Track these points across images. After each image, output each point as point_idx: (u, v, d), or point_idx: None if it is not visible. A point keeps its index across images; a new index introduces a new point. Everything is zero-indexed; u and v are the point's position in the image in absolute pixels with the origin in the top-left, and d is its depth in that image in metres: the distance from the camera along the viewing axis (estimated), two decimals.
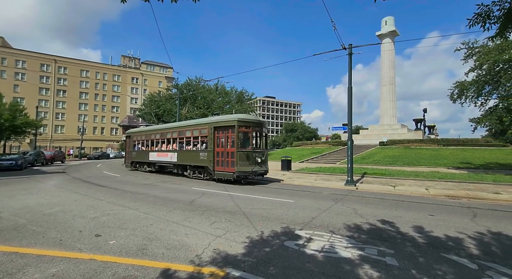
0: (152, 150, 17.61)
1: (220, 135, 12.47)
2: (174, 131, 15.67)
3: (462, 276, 3.26)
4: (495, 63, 15.51)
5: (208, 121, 13.59)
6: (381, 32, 35.39)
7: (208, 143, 12.99)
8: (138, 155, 19.38)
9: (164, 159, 16.18)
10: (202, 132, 13.52)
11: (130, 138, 21.08)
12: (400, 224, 5.61)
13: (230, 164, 11.81)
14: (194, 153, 13.84)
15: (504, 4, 2.54)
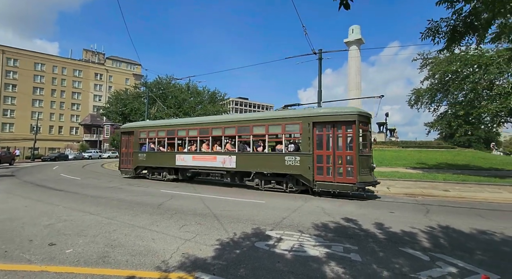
0: (182, 152, 12.80)
1: (324, 133, 9.33)
2: (228, 126, 11.39)
3: (416, 268, 3.55)
4: (445, 73, 17.23)
5: (302, 114, 9.88)
6: (349, 39, 37.40)
7: (302, 144, 9.68)
8: (152, 158, 13.87)
9: (208, 164, 11.73)
10: (288, 129, 10.08)
11: (134, 135, 14.73)
12: (363, 222, 5.95)
13: (346, 173, 8.88)
14: (274, 157, 10.19)
15: (450, 21, 2.87)
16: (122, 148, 15.68)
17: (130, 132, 15.17)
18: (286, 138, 10.31)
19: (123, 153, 15.56)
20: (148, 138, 14.22)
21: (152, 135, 14.10)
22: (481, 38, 2.94)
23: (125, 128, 16.33)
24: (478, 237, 4.98)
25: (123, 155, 15.55)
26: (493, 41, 3.09)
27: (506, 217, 6.85)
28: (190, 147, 12.72)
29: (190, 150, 12.59)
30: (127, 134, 15.50)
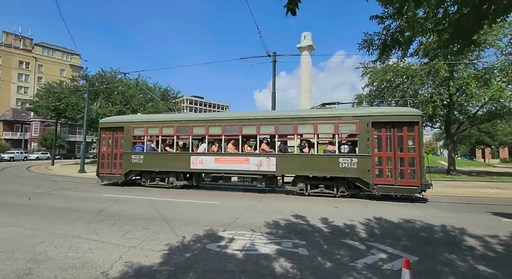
0: (200, 153, 10.81)
1: (383, 134, 8.97)
2: (265, 124, 10.06)
3: (354, 257, 3.91)
4: (381, 81, 19.48)
5: (359, 113, 9.37)
6: (301, 45, 39.53)
7: (360, 145, 9.07)
8: (154, 161, 11.36)
9: (237, 167, 10.17)
10: (342, 129, 9.37)
11: (125, 131, 11.78)
12: (311, 217, 6.32)
13: (408, 175, 8.59)
14: (326, 159, 9.35)
15: (381, 35, 3.28)
16: (102, 147, 12.36)
17: (117, 128, 11.98)
18: (341, 139, 9.61)
19: (104, 154, 12.22)
20: (148, 135, 11.57)
21: (153, 132, 11.54)
22: (405, 52, 3.43)
23: (108, 122, 12.58)
24: (403, 225, 5.74)
25: (104, 157, 12.17)
26: (413, 55, 3.64)
27: (426, 207, 8.04)
28: (213, 147, 10.75)
29: (211, 151, 10.64)
30: (110, 130, 12.16)
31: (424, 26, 3.06)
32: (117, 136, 12.09)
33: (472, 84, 15.85)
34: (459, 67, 16.78)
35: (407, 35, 3.38)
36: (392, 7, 2.75)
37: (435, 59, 3.40)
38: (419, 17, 3.02)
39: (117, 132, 12.07)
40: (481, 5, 2.39)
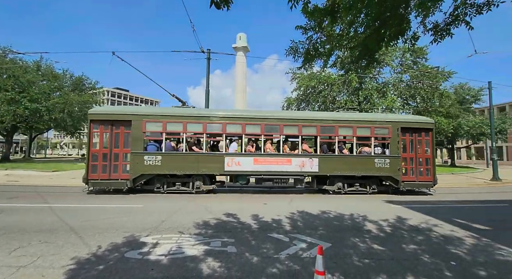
0: (237, 153, 9.98)
1: (407, 138, 10.42)
2: (307, 125, 10.05)
3: (279, 249, 4.18)
4: (307, 87, 21.51)
5: (391, 118, 10.65)
6: (236, 45, 40.05)
7: (391, 147, 10.18)
8: (176, 162, 9.61)
9: (278, 168, 9.75)
10: (377, 132, 10.26)
11: (133, 127, 9.51)
12: (241, 215, 6.45)
13: (425, 173, 10.35)
14: (364, 160, 10.08)
15: (304, 45, 3.63)
16: (94, 146, 9.64)
17: (120, 122, 9.55)
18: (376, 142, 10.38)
19: (96, 154, 9.50)
20: (166, 132, 9.66)
21: (174, 129, 9.72)
22: (325, 63, 3.87)
23: (105, 113, 9.86)
24: (320, 216, 6.47)
25: (97, 158, 9.45)
26: (332, 66, 4.17)
27: (338, 198, 9.28)
28: (248, 147, 10.07)
29: (249, 151, 9.95)
30: (108, 124, 9.50)
31: (340, 42, 3.51)
32: (118, 132, 9.51)
33: (374, 95, 19.18)
34: (366, 80, 20.04)
35: (328, 47, 3.81)
36: (313, 20, 3.05)
37: (348, 72, 4.03)
38: (335, 33, 3.44)
39: (118, 126, 9.50)
40: (380, 29, 2.91)
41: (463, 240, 4.81)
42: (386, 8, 2.61)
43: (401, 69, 20.20)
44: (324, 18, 2.94)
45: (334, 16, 2.76)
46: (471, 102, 34.30)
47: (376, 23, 2.81)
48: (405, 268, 3.56)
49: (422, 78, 19.72)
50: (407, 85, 20.40)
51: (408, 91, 20.21)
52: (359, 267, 3.57)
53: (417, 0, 2.82)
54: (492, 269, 3.62)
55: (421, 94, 20.01)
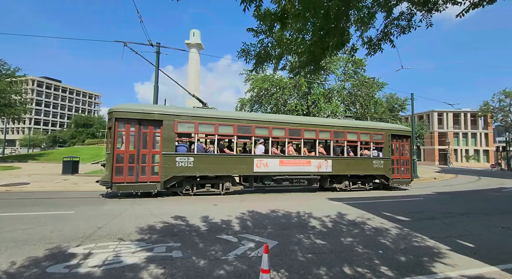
0: (264, 155, 10.24)
1: (394, 143, 12.65)
2: (324, 130, 11.16)
3: (227, 250, 4.14)
4: (260, 89, 21.97)
5: (384, 127, 12.78)
6: (189, 41, 38.62)
7: (384, 151, 12.27)
8: (207, 164, 9.48)
9: (299, 169, 10.62)
10: (374, 138, 12.13)
11: (164, 127, 8.86)
12: (191, 217, 6.22)
13: (406, 172, 12.82)
14: (365, 161, 11.82)
15: (256, 48, 3.68)
16: (119, 146, 8.75)
17: (150, 121, 8.92)
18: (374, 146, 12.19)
19: (121, 155, 8.62)
20: (199, 133, 9.53)
21: (205, 130, 9.61)
22: (276, 66, 3.99)
23: (132, 111, 8.77)
24: (270, 215, 6.66)
25: (123, 160, 8.60)
26: (282, 70, 4.33)
27: (288, 197, 9.69)
28: (272, 150, 10.56)
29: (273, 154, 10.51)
30: (135, 123, 8.78)
31: (289, 47, 3.65)
32: (146, 132, 8.87)
33: (321, 100, 20.66)
34: (314, 85, 21.45)
35: (278, 51, 3.93)
36: (265, 24, 3.12)
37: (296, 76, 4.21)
38: (285, 38, 3.57)
39: (147, 126, 8.88)
40: (325, 38, 3.13)
41: (389, 231, 5.50)
42: (330, 20, 2.83)
43: (344, 77, 22.24)
44: (275, 23, 3.03)
45: (284, 22, 2.86)
46: (398, 110, 39.72)
47: (321, 33, 3.03)
48: (342, 260, 3.89)
49: (361, 87, 22.05)
50: (349, 92, 22.54)
51: (349, 97, 22.35)
52: (302, 262, 3.77)
53: (356, 16, 3.14)
54: (410, 254, 4.21)
55: (360, 101, 22.36)
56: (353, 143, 11.84)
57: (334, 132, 11.34)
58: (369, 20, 3.16)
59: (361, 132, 11.90)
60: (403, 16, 3.20)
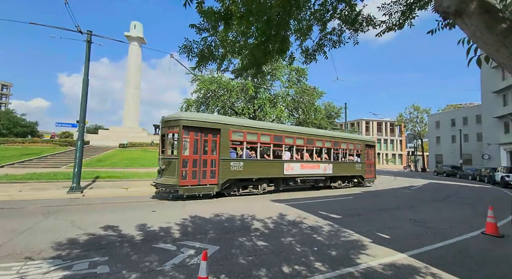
0: (291, 160, 12.17)
1: (367, 151, 16.53)
2: (327, 140, 14.08)
3: (164, 260, 3.85)
4: (207, 90, 21.54)
5: (361, 138, 16.84)
6: (130, 34, 35.44)
7: (361, 157, 15.92)
8: (253, 168, 10.71)
9: (312, 171, 13.01)
10: (357, 147, 15.69)
11: (221, 135, 9.76)
12: (124, 226, 5.61)
13: (372, 172, 16.89)
14: (351, 165, 15.27)
15: (199, 45, 3.58)
16: (185, 152, 9.19)
17: (209, 129, 9.67)
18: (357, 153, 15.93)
19: (186, 160, 9.12)
20: (246, 141, 10.70)
21: (251, 138, 10.92)
22: (219, 66, 3.93)
23: (198, 120, 9.48)
24: (213, 219, 6.50)
25: (188, 164, 9.14)
26: (225, 70, 4.31)
27: (233, 200, 9.65)
28: (297, 156, 12.72)
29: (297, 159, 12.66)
30: (198, 131, 9.43)
31: (233, 48, 3.64)
32: (206, 139, 9.79)
33: (267, 104, 21.41)
34: (260, 90, 22.10)
35: (222, 52, 3.87)
36: (208, 22, 3.04)
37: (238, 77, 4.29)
38: (229, 39, 3.55)
39: (207, 133, 9.79)
40: (266, 43, 3.23)
41: (323, 228, 5.96)
42: (272, 26, 2.93)
43: (289, 84, 23.54)
44: (219, 22, 2.98)
45: (228, 22, 2.84)
46: (334, 118, 44.00)
47: (263, 38, 3.11)
48: (282, 260, 4.03)
49: (303, 94, 23.67)
50: (292, 98, 23.92)
51: (293, 104, 23.72)
52: (243, 265, 3.76)
53: (296, 26, 3.33)
54: (340, 248, 4.63)
55: (302, 107, 23.96)
56: (344, 150, 15.10)
57: (334, 142, 14.39)
58: (307, 31, 3.40)
59: (350, 142, 15.37)
60: (335, 32, 3.55)
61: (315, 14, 3.28)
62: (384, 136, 65.79)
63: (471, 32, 1.43)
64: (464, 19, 1.41)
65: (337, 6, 3.18)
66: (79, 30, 9.36)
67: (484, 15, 1.34)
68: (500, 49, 1.32)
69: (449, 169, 33.73)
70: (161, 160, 9.57)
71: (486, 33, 1.35)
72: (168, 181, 9.11)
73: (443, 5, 1.48)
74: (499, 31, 1.30)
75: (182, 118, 9.41)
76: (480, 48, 1.48)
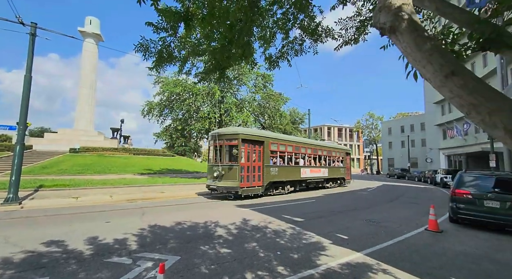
0: (305, 166, 15.65)
1: (345, 157, 20.90)
2: (325, 149, 17.94)
3: (117, 275, 3.54)
4: (171, 93, 20.78)
5: (342, 148, 21.19)
6: (84, 29, 32.71)
7: (343, 163, 20.28)
8: (284, 172, 13.67)
9: (316, 174, 16.48)
10: (341, 155, 20.03)
11: (264, 146, 12.52)
12: (71, 241, 5.05)
13: (349, 174, 21.38)
14: (338, 169, 19.34)
15: (157, 45, 3.41)
16: (242, 160, 11.46)
17: (256, 141, 12.27)
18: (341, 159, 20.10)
19: (243, 167, 11.46)
20: (279, 151, 13.66)
21: (282, 149, 13.88)
22: (181, 69, 3.80)
23: (250, 134, 12.17)
24: (174, 228, 6.19)
25: (244, 170, 11.52)
26: (186, 74, 4.19)
27: (195, 207, 9.34)
28: (307, 162, 16.03)
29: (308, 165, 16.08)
30: (250, 143, 11.98)
31: (196, 51, 3.55)
32: (255, 149, 12.20)
33: (234, 109, 21.38)
34: (227, 95, 22.01)
35: (183, 53, 3.75)
36: (167, 21, 2.91)
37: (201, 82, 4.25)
38: (191, 41, 3.46)
39: (255, 145, 12.19)
40: (228, 47, 3.21)
41: (286, 232, 6.06)
42: (235, 31, 2.93)
43: (255, 89, 23.84)
44: (179, 23, 2.87)
45: (189, 24, 2.76)
46: (299, 123, 45.64)
47: (226, 42, 3.09)
48: (245, 266, 3.97)
49: (269, 100, 24.15)
50: (258, 104, 24.24)
51: (259, 109, 24.04)
52: (205, 275, 3.62)
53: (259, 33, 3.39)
54: (302, 251, 4.73)
55: (268, 112, 24.40)
56: (333, 158, 18.85)
57: (328, 151, 18.18)
58: (271, 39, 3.47)
59: (337, 151, 19.43)
60: (296, 41, 3.70)
61: (277, 22, 3.37)
62: (344, 141, 70.06)
63: (403, 48, 1.59)
64: (397, 36, 1.56)
65: (298, 16, 3.32)
66: (21, 22, 8.29)
67: (413, 33, 1.50)
68: (427, 66, 1.47)
69: (399, 172, 37.11)
70: (218, 166, 11.34)
71: (415, 49, 1.50)
72: (230, 184, 11.17)
73: (380, 21, 1.63)
74: (425, 48, 1.46)
75: (240, 132, 11.76)
76: (410, 63, 1.63)
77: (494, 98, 1.22)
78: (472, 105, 1.26)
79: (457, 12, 2.05)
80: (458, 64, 1.39)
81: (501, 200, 6.44)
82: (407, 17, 1.52)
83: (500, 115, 1.17)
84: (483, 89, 1.25)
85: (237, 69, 20.85)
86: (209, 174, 11.93)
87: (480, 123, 1.26)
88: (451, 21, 2.11)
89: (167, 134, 23.89)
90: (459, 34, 2.28)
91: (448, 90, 1.38)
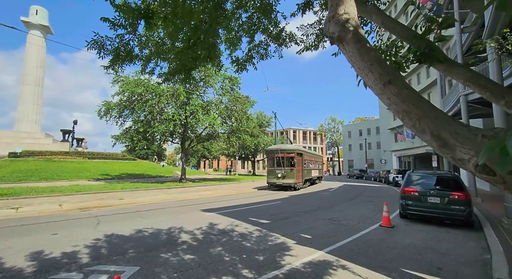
0: (312, 168, 23.06)
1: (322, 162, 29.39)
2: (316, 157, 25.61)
3: None
4: (132, 93, 19.61)
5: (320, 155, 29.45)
6: (29, 20, 29.33)
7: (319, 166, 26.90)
8: (307, 174, 21.21)
9: (315, 174, 23.96)
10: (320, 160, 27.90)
11: (302, 156, 19.92)
12: (9, 257, 4.44)
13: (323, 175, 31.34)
14: (321, 170, 27.28)
15: (113, 42, 3.19)
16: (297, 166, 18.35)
17: (300, 154, 19.40)
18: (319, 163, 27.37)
19: (296, 170, 18.21)
20: (307, 160, 21.25)
21: (306, 158, 20.98)
22: (143, 68, 3.60)
23: (299, 150, 19.71)
24: (134, 236, 5.81)
25: (297, 172, 18.28)
26: (149, 74, 3.99)
27: (159, 214, 8.90)
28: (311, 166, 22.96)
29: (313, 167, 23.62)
30: (298, 155, 19.08)
31: (159, 50, 3.40)
32: (300, 158, 19.46)
33: (200, 111, 20.91)
34: (193, 96, 21.46)
35: (146, 53, 3.57)
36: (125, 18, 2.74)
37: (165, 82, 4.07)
38: (155, 40, 3.31)
39: (299, 156, 19.34)
40: (193, 48, 3.14)
41: (253, 234, 6.08)
42: (199, 32, 2.87)
43: (222, 92, 23.63)
44: (139, 20, 2.72)
45: (149, 22, 2.63)
46: (266, 126, 46.37)
47: (190, 43, 3.02)
48: (210, 272, 3.88)
49: (236, 102, 24.14)
50: (225, 106, 24.07)
51: (226, 112, 23.87)
52: None
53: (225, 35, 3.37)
54: (267, 253, 4.78)
55: (235, 115, 24.35)
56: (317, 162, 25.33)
57: (316, 157, 25.17)
58: (237, 42, 3.49)
59: (318, 157, 26.35)
60: (262, 45, 3.77)
61: (243, 25, 3.40)
62: (309, 144, 72.92)
63: (349, 57, 1.72)
64: (344, 45, 1.69)
65: (262, 20, 3.39)
66: None
67: (357, 43, 1.64)
68: (368, 74, 1.61)
69: (358, 172, 39.75)
70: (281, 170, 17.75)
71: (359, 59, 1.64)
72: (291, 181, 17.63)
73: (330, 30, 1.75)
74: (367, 58, 1.60)
75: (296, 149, 19.00)
76: (356, 71, 1.78)
77: (422, 106, 1.38)
78: (405, 112, 1.41)
79: (398, 27, 2.28)
80: (395, 74, 1.54)
81: (441, 196, 7.28)
82: (353, 29, 1.65)
83: (427, 121, 1.32)
84: (414, 98, 1.42)
85: (203, 70, 20.48)
86: (271, 175, 18.36)
87: (412, 127, 1.42)
88: (394, 35, 2.35)
89: (127, 136, 22.40)
90: (400, 47, 2.54)
91: (386, 97, 1.52)
